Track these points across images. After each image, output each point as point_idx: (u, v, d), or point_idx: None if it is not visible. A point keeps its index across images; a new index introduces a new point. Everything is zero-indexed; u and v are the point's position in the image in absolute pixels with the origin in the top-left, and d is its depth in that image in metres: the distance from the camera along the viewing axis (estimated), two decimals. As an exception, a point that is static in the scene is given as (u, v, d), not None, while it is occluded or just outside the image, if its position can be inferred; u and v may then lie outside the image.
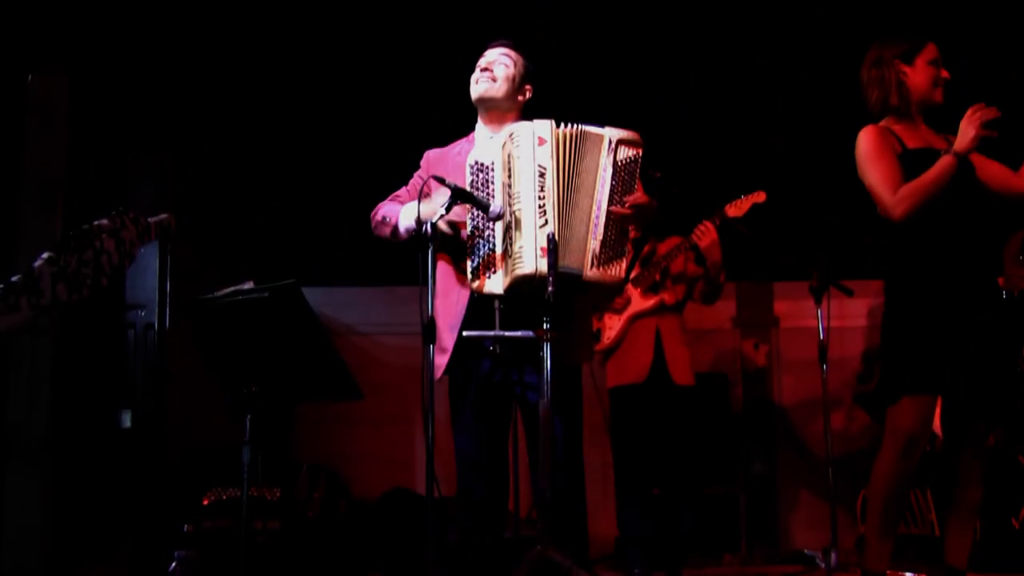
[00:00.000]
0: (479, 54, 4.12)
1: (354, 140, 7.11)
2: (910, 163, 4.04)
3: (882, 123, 4.17)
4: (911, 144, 4.08)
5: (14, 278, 2.29)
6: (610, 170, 3.74)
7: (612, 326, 5.77)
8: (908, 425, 3.96)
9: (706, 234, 5.52)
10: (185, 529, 5.27)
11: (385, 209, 4.05)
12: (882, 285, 4.16)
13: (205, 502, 5.31)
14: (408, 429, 7.08)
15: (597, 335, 5.86)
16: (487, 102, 4.03)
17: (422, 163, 4.18)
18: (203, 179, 6.34)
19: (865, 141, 4.12)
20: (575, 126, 3.74)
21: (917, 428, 3.95)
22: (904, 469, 3.99)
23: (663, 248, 5.73)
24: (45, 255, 2.32)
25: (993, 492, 5.12)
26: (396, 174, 4.24)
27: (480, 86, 4.02)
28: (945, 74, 4.15)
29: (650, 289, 5.73)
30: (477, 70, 4.06)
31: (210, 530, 5.25)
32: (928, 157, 4.01)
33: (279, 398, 3.96)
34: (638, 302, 5.72)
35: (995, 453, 5.32)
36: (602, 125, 3.78)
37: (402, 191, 4.15)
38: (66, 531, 5.21)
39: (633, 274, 5.73)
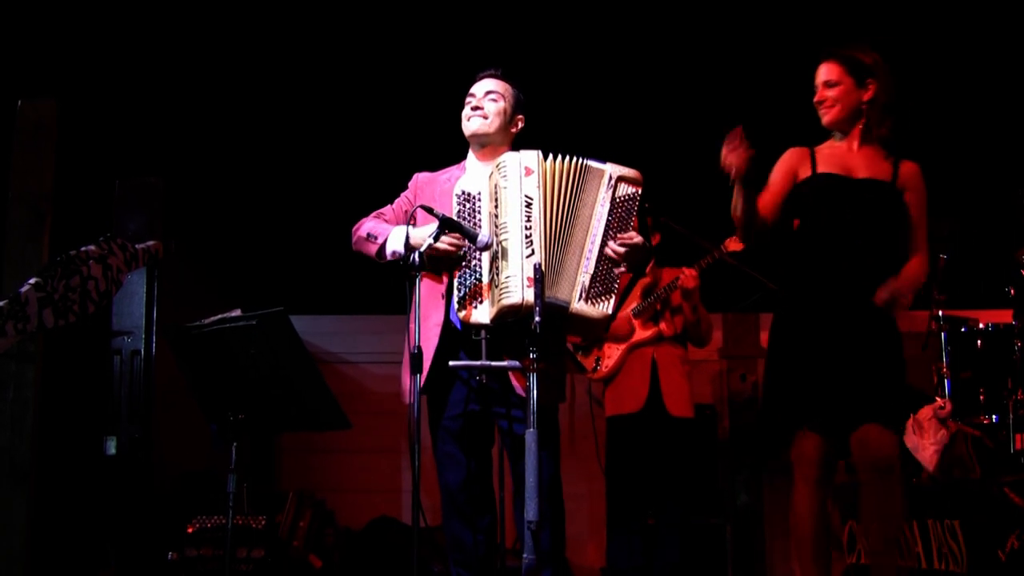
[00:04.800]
0: (470, 78, 4.14)
1: (343, 168, 7.11)
2: (809, 189, 4.06)
3: (817, 145, 4.18)
4: (823, 168, 4.08)
5: (0, 303, 2.28)
6: (607, 205, 3.76)
7: (611, 355, 5.77)
8: (813, 453, 3.96)
9: (689, 280, 5.56)
10: (169, 557, 5.23)
11: (370, 226, 4.04)
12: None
13: (190, 530, 5.28)
14: (394, 458, 7.05)
15: (581, 368, 5.86)
16: (479, 138, 4.05)
17: (410, 184, 4.19)
18: (191, 205, 6.33)
19: (777, 165, 4.18)
20: (577, 158, 3.75)
21: (824, 455, 3.95)
22: (822, 499, 3.98)
23: (665, 279, 5.74)
24: (32, 281, 2.32)
25: (979, 524, 5.12)
26: (384, 202, 4.24)
27: (471, 124, 4.04)
28: (817, 96, 4.12)
29: (651, 319, 5.74)
30: (467, 107, 4.08)
31: (194, 558, 5.22)
32: (825, 183, 4.03)
33: (266, 427, 3.95)
34: (638, 332, 5.73)
35: (980, 484, 5.32)
36: (603, 160, 3.80)
37: (387, 209, 4.15)
38: (49, 558, 5.17)
39: (634, 304, 5.74)
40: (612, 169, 3.80)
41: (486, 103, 4.04)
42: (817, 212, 4.04)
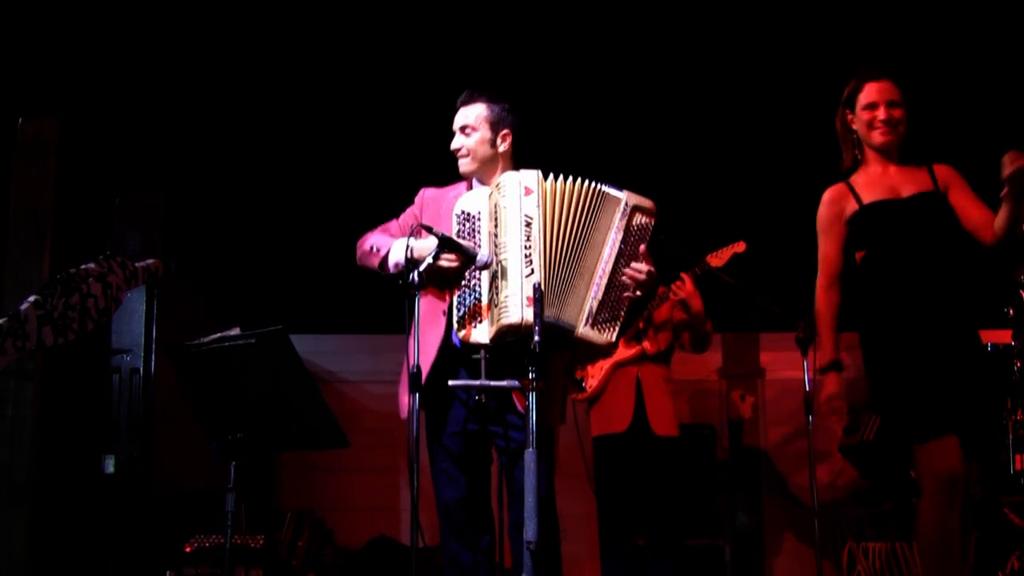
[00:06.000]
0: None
1: (344, 186, 7.12)
2: (863, 220, 4.04)
3: (851, 177, 4.15)
4: (868, 198, 4.06)
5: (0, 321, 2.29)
6: (621, 233, 3.76)
7: (594, 375, 5.74)
8: (946, 465, 3.82)
9: (683, 287, 5.54)
10: (167, 576, 5.23)
11: (374, 239, 4.03)
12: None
13: (188, 549, 5.26)
14: (393, 478, 7.04)
15: (581, 384, 5.84)
16: (470, 175, 4.06)
17: (417, 199, 4.17)
18: (191, 223, 6.34)
19: (820, 210, 4.17)
20: (591, 182, 3.75)
21: (955, 466, 3.81)
22: (951, 512, 3.82)
23: None
24: (32, 298, 2.32)
25: (979, 544, 5.11)
26: (386, 220, 4.23)
27: (459, 166, 4.06)
28: (881, 115, 4.04)
29: (633, 338, 5.72)
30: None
31: (192, 577, 5.21)
32: (880, 212, 4.01)
33: (265, 445, 3.94)
34: (620, 351, 5.71)
35: (980, 504, 5.31)
36: (620, 187, 3.80)
37: (392, 224, 4.14)
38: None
39: None
40: (629, 198, 3.80)
41: (462, 140, 4.04)
42: (880, 240, 4.01)
